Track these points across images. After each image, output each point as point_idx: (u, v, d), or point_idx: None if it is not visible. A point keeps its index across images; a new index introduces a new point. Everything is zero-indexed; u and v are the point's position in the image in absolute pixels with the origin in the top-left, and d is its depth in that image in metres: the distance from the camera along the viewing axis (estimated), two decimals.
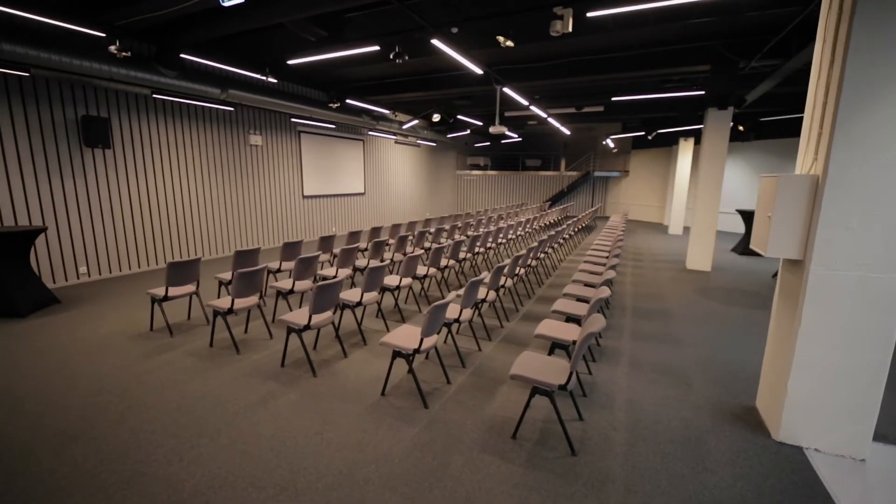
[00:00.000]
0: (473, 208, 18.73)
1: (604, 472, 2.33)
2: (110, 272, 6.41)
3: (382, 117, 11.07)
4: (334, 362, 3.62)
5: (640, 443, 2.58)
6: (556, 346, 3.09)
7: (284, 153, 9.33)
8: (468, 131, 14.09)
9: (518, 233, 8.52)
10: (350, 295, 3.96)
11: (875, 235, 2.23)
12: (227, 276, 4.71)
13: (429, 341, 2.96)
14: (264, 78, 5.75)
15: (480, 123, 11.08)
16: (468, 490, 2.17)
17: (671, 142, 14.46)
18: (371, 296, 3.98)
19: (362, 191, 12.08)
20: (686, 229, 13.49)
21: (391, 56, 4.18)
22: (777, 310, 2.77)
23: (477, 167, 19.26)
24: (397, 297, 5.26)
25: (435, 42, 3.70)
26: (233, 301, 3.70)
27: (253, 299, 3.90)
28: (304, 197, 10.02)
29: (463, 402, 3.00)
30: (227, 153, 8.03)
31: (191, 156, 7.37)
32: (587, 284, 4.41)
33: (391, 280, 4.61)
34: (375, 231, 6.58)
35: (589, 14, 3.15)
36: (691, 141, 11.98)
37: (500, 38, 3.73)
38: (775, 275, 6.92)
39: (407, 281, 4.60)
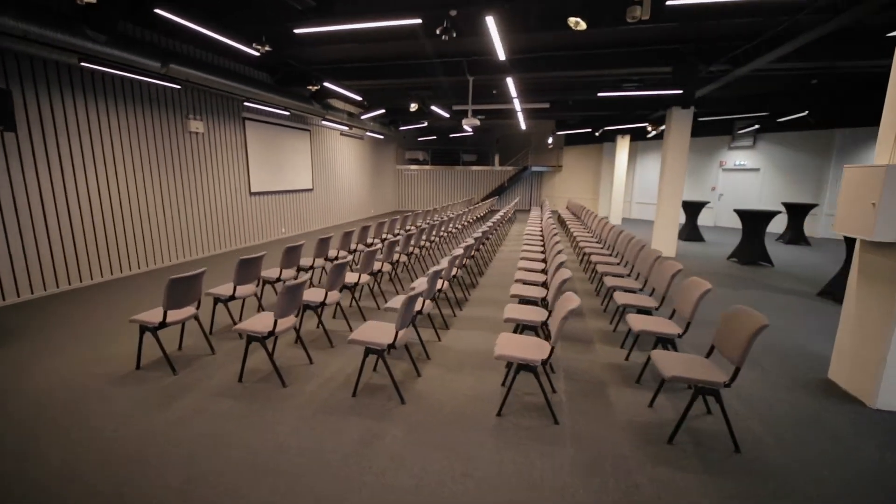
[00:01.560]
0: (415, 204, 18.32)
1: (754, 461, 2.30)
2: (18, 295, 4.87)
3: (330, 106, 10.14)
4: (409, 383, 3.12)
5: (764, 428, 2.61)
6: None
7: (228, 143, 8.03)
8: (424, 123, 13.63)
9: (452, 228, 8.32)
10: (314, 295, 3.68)
11: None
12: (226, 290, 3.82)
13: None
14: (255, 51, 4.61)
15: (447, 115, 10.76)
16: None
17: (602, 139, 15.64)
18: (335, 295, 3.72)
19: (310, 186, 10.99)
20: (625, 220, 14.75)
21: (438, 31, 3.68)
22: (858, 290, 3.01)
23: (416, 161, 18.84)
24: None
25: (489, 20, 3.33)
26: (276, 323, 2.98)
27: (291, 319, 3.20)
28: (251, 194, 8.77)
29: (583, 407, 2.77)
30: (163, 141, 6.63)
31: (118, 143, 5.92)
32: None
33: (351, 277, 4.33)
34: (345, 237, 5.94)
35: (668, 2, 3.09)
36: (627, 138, 13.05)
37: (574, 20, 3.50)
38: (730, 257, 7.80)
39: (365, 277, 4.40)
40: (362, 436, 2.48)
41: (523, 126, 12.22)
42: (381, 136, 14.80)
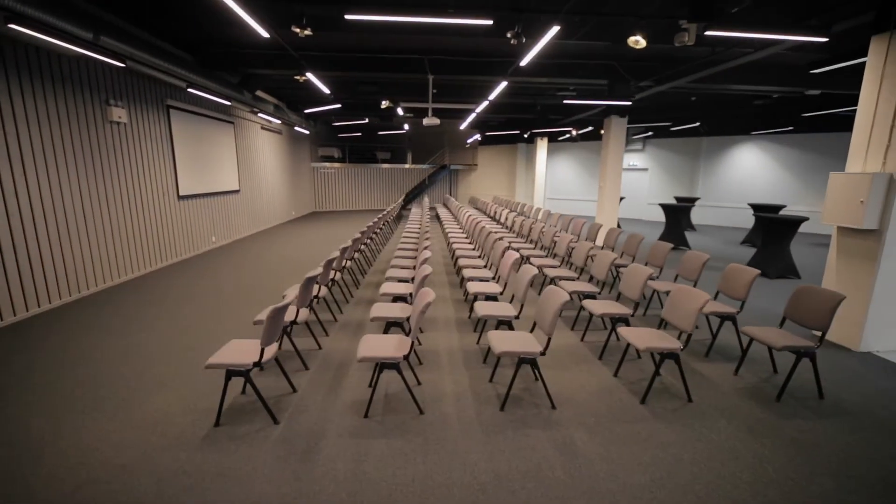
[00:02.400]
0: (333, 205, 17.26)
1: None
2: None
3: (260, 98, 8.98)
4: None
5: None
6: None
7: (153, 136, 6.58)
8: (362, 119, 12.84)
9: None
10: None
11: None
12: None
13: (271, 350, 2.70)
14: (300, 31, 3.65)
15: (411, 115, 10.40)
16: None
17: (515, 140, 16.87)
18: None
19: (237, 188, 9.60)
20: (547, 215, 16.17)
21: (508, 35, 3.54)
22: (837, 264, 3.98)
23: (330, 158, 17.72)
24: None
25: (555, 28, 3.40)
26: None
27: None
28: (179, 198, 7.32)
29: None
30: (79, 131, 5.15)
31: (23, 132, 4.43)
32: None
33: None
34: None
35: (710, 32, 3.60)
36: (546, 140, 14.33)
37: (634, 39, 3.76)
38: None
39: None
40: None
41: (464, 125, 12.47)
42: (307, 132, 13.61)
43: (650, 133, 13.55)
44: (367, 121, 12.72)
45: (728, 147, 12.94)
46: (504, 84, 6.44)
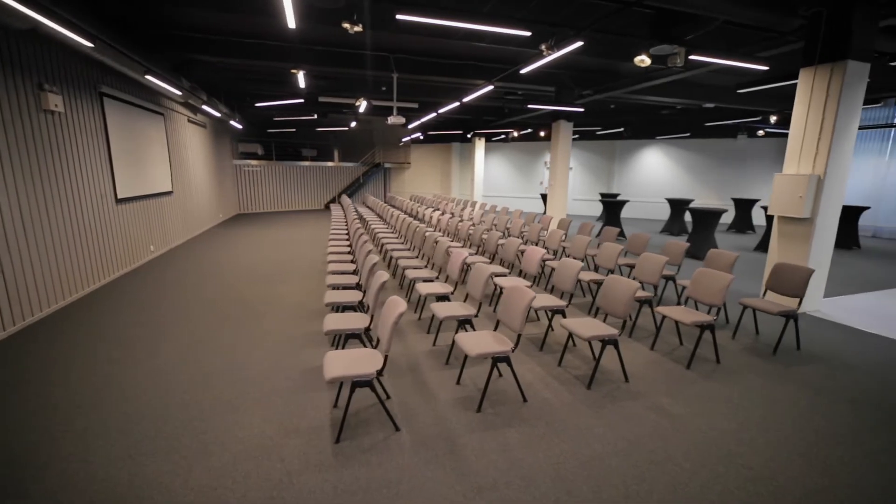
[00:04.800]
0: (260, 205, 15.87)
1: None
2: None
3: (197, 87, 8.01)
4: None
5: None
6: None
7: (87, 129, 5.54)
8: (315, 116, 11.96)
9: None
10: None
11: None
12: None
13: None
14: (350, 27, 3.17)
15: (362, 110, 9.99)
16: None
17: (449, 140, 17.33)
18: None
19: (170, 188, 8.44)
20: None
21: (542, 46, 3.68)
22: (779, 245, 5.06)
23: (253, 156, 16.26)
24: None
25: (578, 44, 3.73)
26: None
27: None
28: (117, 201, 6.26)
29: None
30: (11, 121, 4.19)
31: None
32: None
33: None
34: None
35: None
36: (483, 139, 14.98)
37: (640, 59, 4.23)
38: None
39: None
40: None
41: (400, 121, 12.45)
42: (241, 127, 12.35)
43: (577, 136, 15.03)
44: (315, 116, 11.99)
45: (638, 149, 14.97)
46: (490, 87, 6.70)
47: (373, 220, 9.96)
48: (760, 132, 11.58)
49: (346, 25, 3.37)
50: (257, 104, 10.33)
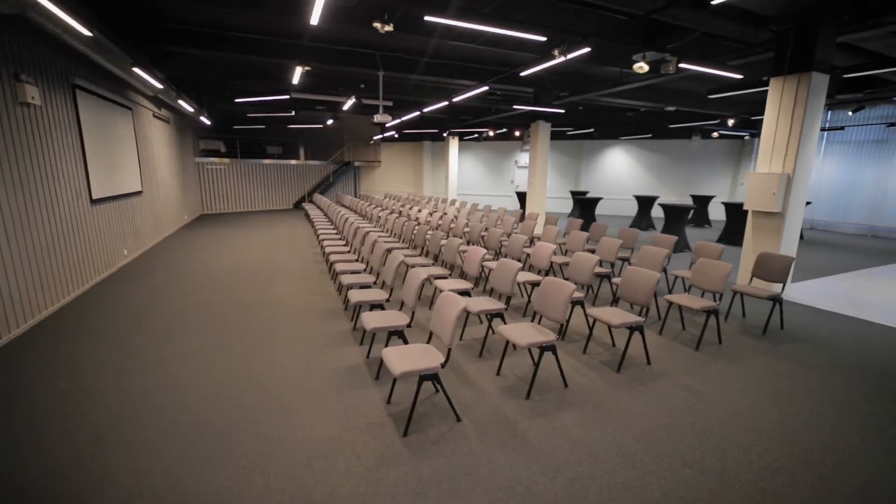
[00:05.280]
0: (224, 205, 15.11)
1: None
2: None
3: (172, 82, 7.54)
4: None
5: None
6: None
7: (62, 123, 5.12)
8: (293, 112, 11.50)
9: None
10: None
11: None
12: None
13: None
14: (381, 27, 2.97)
15: (344, 105, 9.77)
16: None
17: (421, 138, 17.35)
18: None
19: (139, 188, 7.91)
20: None
21: (555, 51, 3.80)
22: (753, 237, 5.59)
23: (215, 153, 15.44)
24: None
25: (586, 49, 3.93)
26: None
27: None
28: (92, 202, 5.82)
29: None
30: None
31: None
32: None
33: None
34: None
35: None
36: (457, 138, 15.13)
37: (638, 65, 4.49)
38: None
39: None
40: None
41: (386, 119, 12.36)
42: (209, 123, 11.70)
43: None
44: (293, 113, 11.59)
45: (604, 149, 15.74)
46: (484, 88, 6.85)
47: (357, 220, 9.82)
48: (715, 134, 12.58)
49: (377, 25, 3.37)
50: (238, 100, 9.86)
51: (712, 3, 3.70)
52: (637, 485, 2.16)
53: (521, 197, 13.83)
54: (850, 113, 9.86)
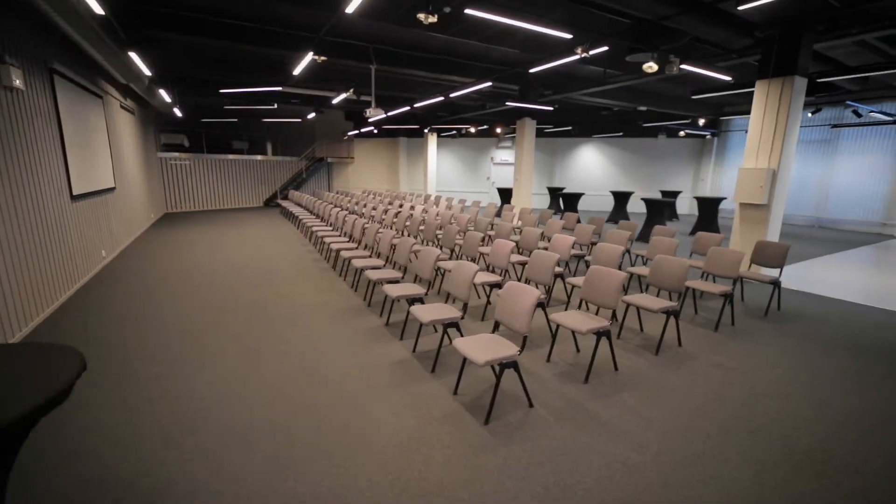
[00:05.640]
0: (190, 203, 14.22)
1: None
2: None
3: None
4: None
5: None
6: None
7: (41, 110, 4.65)
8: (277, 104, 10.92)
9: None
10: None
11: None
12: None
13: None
14: (424, 17, 2.82)
15: (335, 99, 9.44)
16: None
17: (396, 134, 17.18)
18: None
19: (112, 184, 7.31)
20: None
21: (578, 50, 3.87)
22: (742, 226, 6.04)
23: (178, 147, 14.49)
24: None
25: (604, 48, 4.07)
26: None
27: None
28: (72, 198, 5.33)
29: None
30: None
31: None
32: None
33: None
34: None
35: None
36: (435, 134, 15.11)
37: (647, 65, 4.68)
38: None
39: None
40: None
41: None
42: (180, 115, 10.95)
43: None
44: (275, 105, 11.07)
45: (577, 147, 16.31)
46: (488, 84, 6.91)
47: (354, 217, 9.53)
48: (682, 133, 13.41)
49: (421, 16, 3.31)
50: (223, 91, 9.30)
51: (738, 8, 3.94)
52: (716, 453, 2.32)
53: (502, 192, 14.06)
54: (810, 115, 10.87)
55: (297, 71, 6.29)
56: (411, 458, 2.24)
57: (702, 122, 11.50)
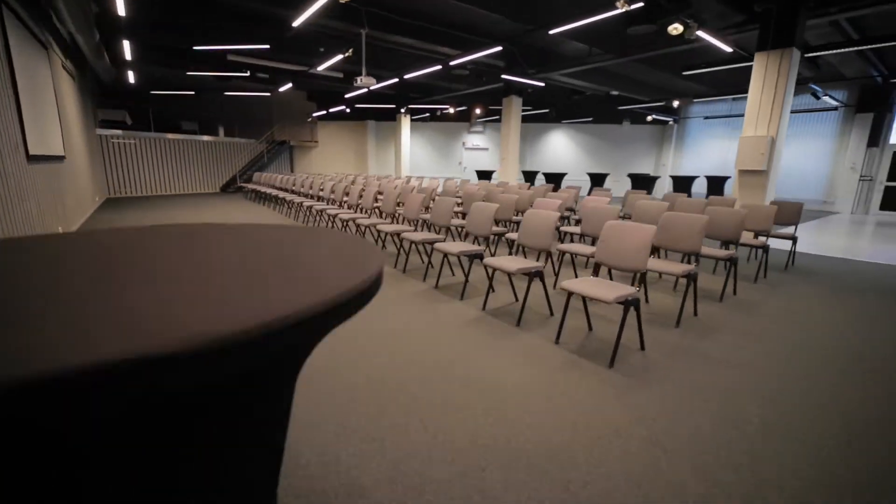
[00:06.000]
0: (135, 188, 12.69)
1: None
2: None
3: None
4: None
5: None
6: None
7: None
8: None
9: None
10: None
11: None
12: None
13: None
14: None
15: (341, 75, 8.71)
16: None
17: (366, 116, 16.51)
18: None
19: (62, 152, 6.25)
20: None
21: (618, 2, 3.70)
22: (741, 192, 6.35)
23: (118, 124, 12.83)
24: None
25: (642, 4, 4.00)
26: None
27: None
28: (28, 159, 4.44)
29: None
30: None
31: None
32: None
33: None
34: None
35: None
36: (409, 116, 14.65)
37: (675, 27, 4.67)
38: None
39: None
40: None
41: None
42: (133, 82, 9.62)
43: (497, 118, 15.88)
44: (248, 73, 10.01)
45: (545, 132, 16.59)
46: (498, 48, 6.68)
47: (340, 195, 8.88)
48: (649, 118, 14.05)
49: None
50: (197, 47, 8.20)
51: None
52: (824, 382, 2.32)
53: (482, 175, 13.94)
54: None
55: (305, 15, 5.63)
56: (555, 402, 2.00)
57: (676, 103, 12.09)
